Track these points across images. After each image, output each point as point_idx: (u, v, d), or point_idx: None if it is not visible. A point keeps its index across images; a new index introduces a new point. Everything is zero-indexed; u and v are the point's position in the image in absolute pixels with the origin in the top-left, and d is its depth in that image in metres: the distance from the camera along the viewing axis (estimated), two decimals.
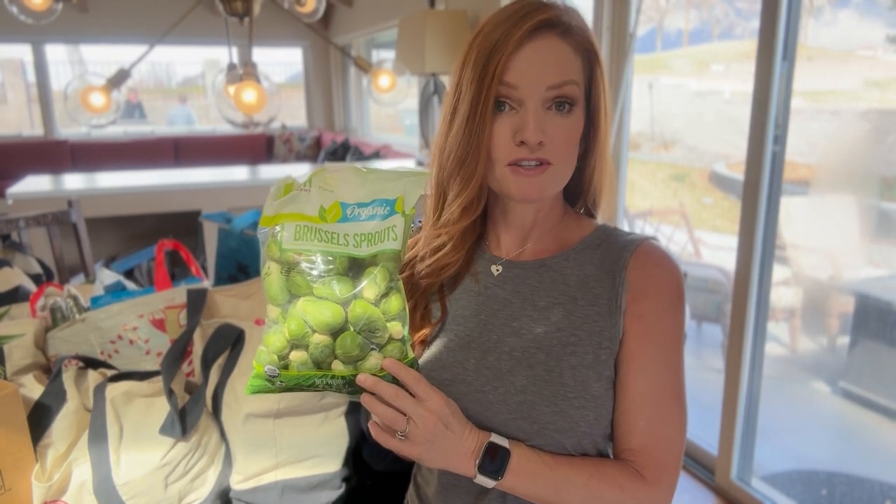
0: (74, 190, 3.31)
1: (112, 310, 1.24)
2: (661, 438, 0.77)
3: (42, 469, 0.96)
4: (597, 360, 0.78)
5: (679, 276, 0.81)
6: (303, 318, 0.67)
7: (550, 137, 0.75)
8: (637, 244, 0.81)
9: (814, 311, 2.76)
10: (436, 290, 0.88)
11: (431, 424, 0.69)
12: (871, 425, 2.34)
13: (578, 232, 0.86)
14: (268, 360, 0.68)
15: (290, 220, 0.68)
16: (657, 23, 4.05)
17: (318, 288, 0.67)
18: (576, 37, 0.77)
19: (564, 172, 0.79)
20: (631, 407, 0.77)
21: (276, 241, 0.68)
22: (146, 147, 6.65)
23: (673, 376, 0.79)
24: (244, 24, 2.50)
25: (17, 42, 6.22)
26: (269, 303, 0.69)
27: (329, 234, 0.68)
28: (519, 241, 0.86)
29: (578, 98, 0.77)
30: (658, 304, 0.79)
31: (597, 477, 0.75)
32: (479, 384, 0.80)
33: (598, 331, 0.79)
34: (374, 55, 6.28)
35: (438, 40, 3.24)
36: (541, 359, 0.79)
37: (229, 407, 1.06)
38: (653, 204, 4.16)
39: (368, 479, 1.13)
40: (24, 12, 2.39)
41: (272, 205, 0.69)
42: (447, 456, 0.72)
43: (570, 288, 0.81)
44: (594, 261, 0.82)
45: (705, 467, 2.35)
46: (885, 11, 2.24)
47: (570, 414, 0.76)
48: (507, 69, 0.74)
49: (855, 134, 2.51)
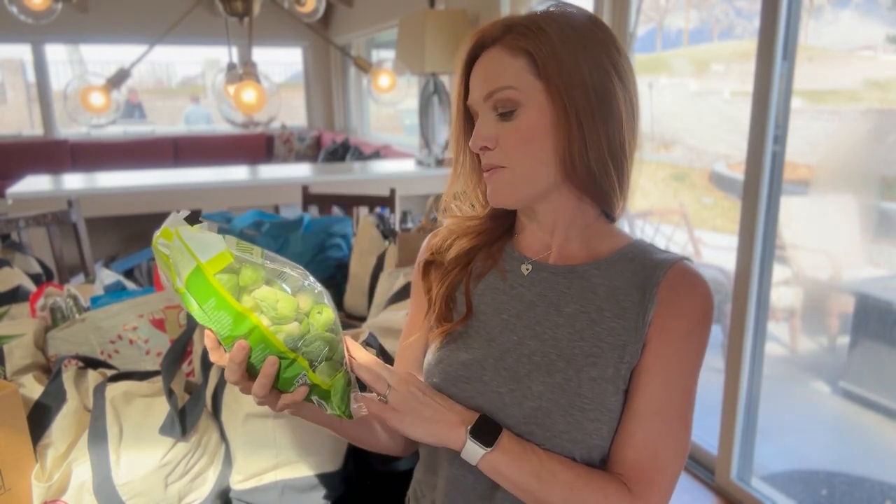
0: (74, 190, 3.31)
1: (112, 310, 1.24)
2: (656, 456, 0.76)
3: (42, 469, 0.96)
4: (616, 375, 0.77)
5: (710, 299, 0.79)
6: (260, 303, 0.68)
7: (500, 141, 0.79)
8: (672, 263, 0.79)
9: (814, 311, 2.76)
10: (462, 284, 0.88)
11: (405, 389, 0.74)
12: (871, 425, 2.34)
13: (610, 242, 0.84)
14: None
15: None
16: (657, 23, 4.05)
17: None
18: (514, 39, 0.77)
19: (525, 172, 0.79)
20: (632, 418, 0.76)
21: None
22: (146, 147, 6.65)
23: (682, 398, 0.77)
24: (244, 24, 2.50)
25: (17, 42, 6.22)
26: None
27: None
28: (543, 241, 0.86)
29: (521, 98, 0.76)
30: (683, 325, 0.77)
31: (583, 478, 0.74)
32: (495, 384, 0.79)
33: (621, 345, 0.78)
34: (374, 55, 6.28)
35: (438, 40, 3.24)
36: (560, 367, 0.78)
37: (229, 407, 1.06)
38: (653, 204, 4.16)
39: (368, 479, 1.13)
40: (24, 12, 2.40)
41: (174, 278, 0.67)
42: (431, 424, 0.74)
43: (599, 298, 0.80)
44: (626, 274, 0.81)
45: (705, 467, 2.35)
46: (885, 11, 2.25)
47: (584, 426, 0.76)
48: (466, 91, 0.83)
49: (855, 134, 2.51)
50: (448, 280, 0.88)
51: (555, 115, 0.77)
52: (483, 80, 0.79)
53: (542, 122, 0.77)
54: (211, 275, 0.66)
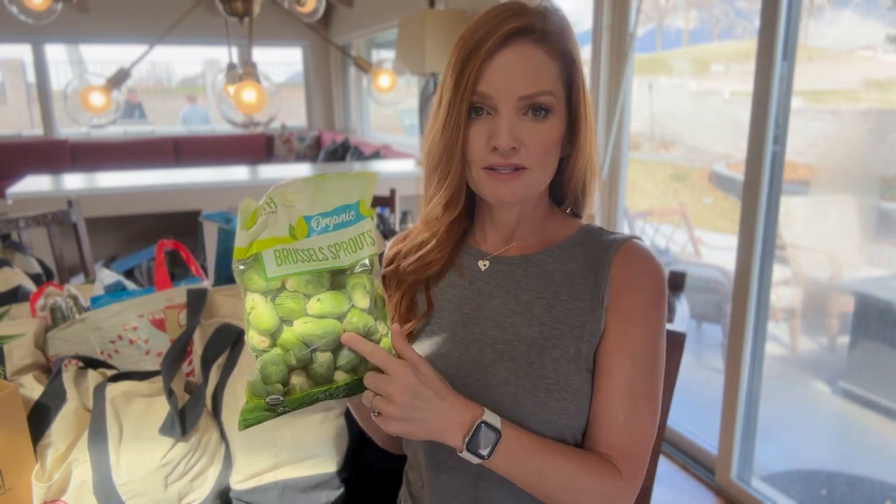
0: (74, 190, 3.31)
1: (112, 310, 1.23)
2: (636, 434, 0.78)
3: (42, 469, 0.96)
4: (578, 354, 0.79)
5: (662, 273, 0.81)
6: (302, 341, 0.66)
7: (525, 143, 0.76)
8: (621, 242, 0.82)
9: (814, 311, 2.75)
10: (422, 283, 0.89)
11: (399, 387, 0.68)
12: (871, 425, 2.33)
13: (563, 230, 0.87)
14: (268, 392, 0.66)
15: (265, 246, 0.66)
16: (657, 23, 4.05)
17: (313, 306, 0.66)
18: (553, 42, 0.76)
19: (541, 177, 0.80)
20: (609, 401, 0.78)
21: (259, 271, 0.66)
22: (146, 147, 6.65)
23: (651, 372, 0.80)
24: (244, 24, 2.49)
25: (17, 42, 6.22)
26: (257, 334, 0.66)
27: (305, 252, 0.67)
28: (504, 239, 0.88)
29: (554, 105, 0.77)
30: (640, 301, 0.79)
31: (583, 468, 0.75)
32: (461, 376, 0.81)
33: (579, 325, 0.80)
34: (374, 55, 6.28)
35: (438, 40, 3.24)
36: (522, 351, 0.80)
37: (229, 407, 1.06)
38: (653, 204, 4.16)
39: (368, 479, 1.13)
40: (24, 12, 2.39)
41: (243, 235, 0.66)
42: (429, 424, 0.70)
43: (554, 283, 0.83)
44: (578, 258, 0.83)
45: (705, 467, 2.35)
46: (885, 11, 2.24)
47: (551, 406, 0.77)
48: (480, 78, 0.75)
49: (855, 134, 2.51)
50: (406, 284, 0.88)
51: (566, 125, 0.80)
52: (521, 76, 0.75)
53: (561, 130, 0.79)
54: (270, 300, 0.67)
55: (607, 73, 2.55)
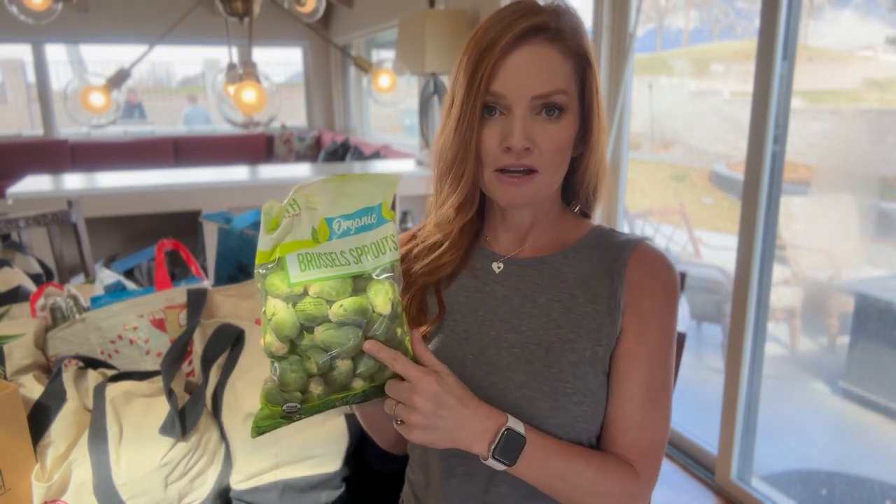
0: (74, 190, 3.31)
1: (112, 310, 1.23)
2: (652, 434, 0.79)
3: (42, 469, 0.96)
4: (594, 357, 0.79)
5: (675, 275, 0.82)
6: (323, 349, 0.65)
7: (538, 143, 0.75)
8: (634, 244, 0.82)
9: (814, 311, 2.75)
10: (433, 285, 0.88)
11: (422, 395, 0.67)
12: (871, 425, 2.33)
13: (575, 231, 0.87)
14: (286, 399, 0.65)
15: (289, 251, 0.64)
16: (657, 23, 4.05)
17: (335, 312, 0.65)
18: (567, 41, 0.76)
19: (552, 179, 0.79)
20: (627, 403, 0.78)
21: (283, 276, 0.64)
22: (146, 147, 6.64)
23: (665, 373, 0.80)
24: (244, 24, 2.49)
25: (17, 42, 6.21)
26: (277, 340, 0.65)
27: (328, 256, 0.65)
28: (517, 241, 0.87)
29: (568, 104, 0.76)
30: (657, 303, 0.80)
31: (604, 470, 0.76)
32: (476, 380, 0.80)
33: (596, 328, 0.79)
34: (374, 55, 6.27)
35: (438, 40, 3.24)
36: (540, 355, 0.79)
37: (229, 407, 1.06)
38: (653, 204, 4.16)
39: (368, 479, 1.13)
40: (24, 12, 2.39)
41: (267, 238, 0.64)
42: (453, 433, 0.70)
43: (569, 286, 0.82)
44: (592, 259, 0.83)
45: (705, 467, 2.35)
46: (885, 12, 2.24)
47: (568, 409, 0.77)
48: (493, 77, 0.74)
49: (855, 134, 2.51)
50: (417, 286, 0.87)
51: (580, 125, 0.79)
52: (535, 76, 0.74)
53: (574, 130, 0.79)
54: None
55: (607, 73, 2.55)
